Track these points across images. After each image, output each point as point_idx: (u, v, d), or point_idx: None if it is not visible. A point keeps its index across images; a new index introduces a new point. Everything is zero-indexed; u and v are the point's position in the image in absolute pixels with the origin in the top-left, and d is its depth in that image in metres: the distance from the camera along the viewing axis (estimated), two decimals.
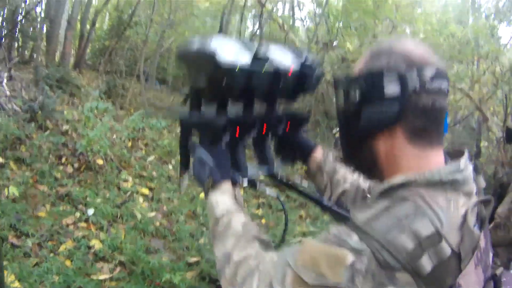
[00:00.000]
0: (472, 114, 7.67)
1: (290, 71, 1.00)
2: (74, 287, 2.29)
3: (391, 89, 0.77)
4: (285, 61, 1.01)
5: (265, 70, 0.94)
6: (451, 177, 0.78)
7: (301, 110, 1.09)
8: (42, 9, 9.17)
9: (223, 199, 0.94)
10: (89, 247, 2.71)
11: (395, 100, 0.77)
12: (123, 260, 2.61)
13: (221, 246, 0.88)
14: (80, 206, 3.22)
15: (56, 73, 6.03)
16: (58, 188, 3.41)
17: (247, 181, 1.04)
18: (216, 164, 0.97)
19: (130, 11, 9.46)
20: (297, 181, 1.19)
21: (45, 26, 8.06)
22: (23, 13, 7.93)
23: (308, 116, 1.21)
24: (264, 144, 1.16)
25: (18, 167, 3.44)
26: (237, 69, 0.90)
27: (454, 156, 0.85)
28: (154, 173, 4.20)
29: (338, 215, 1.13)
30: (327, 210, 1.16)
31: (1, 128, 3.57)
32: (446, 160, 0.83)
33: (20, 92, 4.63)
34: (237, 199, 0.96)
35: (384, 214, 0.74)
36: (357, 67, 0.84)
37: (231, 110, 1.04)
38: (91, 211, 3.14)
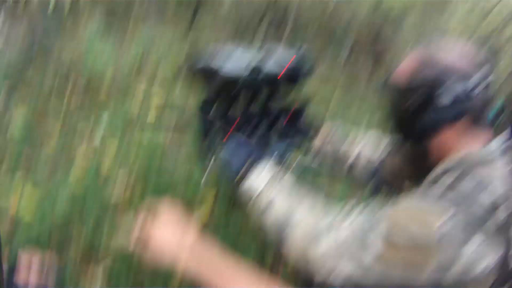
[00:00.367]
0: None
1: (281, 74, 1.09)
2: None
3: (444, 99, 0.86)
4: (280, 60, 1.11)
5: (261, 77, 1.07)
6: (497, 152, 0.89)
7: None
8: None
9: (265, 178, 0.95)
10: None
11: (447, 108, 0.87)
12: None
13: (282, 211, 0.90)
14: None
15: None
16: None
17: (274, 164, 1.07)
18: (252, 149, 1.02)
19: None
20: (308, 161, 1.24)
21: None
22: None
23: (306, 105, 1.28)
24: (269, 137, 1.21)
25: None
26: (240, 81, 1.05)
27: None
28: None
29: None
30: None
31: None
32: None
33: None
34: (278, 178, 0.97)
35: (464, 179, 0.84)
36: (404, 74, 0.93)
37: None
38: None
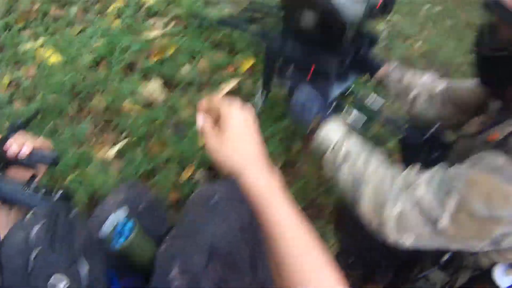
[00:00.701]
0: None
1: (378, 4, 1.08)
2: (120, 48, 1.81)
3: None
4: None
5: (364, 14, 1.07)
6: None
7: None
8: None
9: (338, 128, 1.00)
10: (142, 3, 2.13)
11: None
12: (179, 14, 1.99)
13: (352, 170, 0.92)
14: None
15: None
16: None
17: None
18: (321, 101, 1.09)
19: None
20: (371, 99, 1.24)
21: None
22: None
23: (378, 37, 1.30)
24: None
25: None
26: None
27: None
28: None
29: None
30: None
31: None
32: None
33: None
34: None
35: None
36: None
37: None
38: None
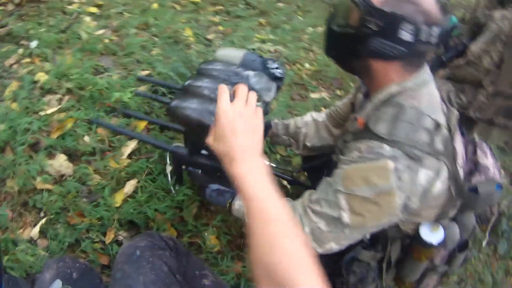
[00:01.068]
0: None
1: None
2: (20, 130, 2.02)
3: (405, 36, 0.95)
4: None
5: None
6: (426, 76, 1.07)
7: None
8: None
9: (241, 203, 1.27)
10: (35, 82, 2.36)
11: (404, 45, 0.96)
12: (70, 87, 2.25)
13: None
14: (22, 42, 2.75)
15: None
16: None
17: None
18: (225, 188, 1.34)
19: None
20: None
21: None
22: None
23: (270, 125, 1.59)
24: None
25: None
26: None
27: None
28: None
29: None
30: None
31: None
32: None
33: None
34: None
35: (398, 123, 0.99)
36: None
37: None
38: (34, 43, 2.67)
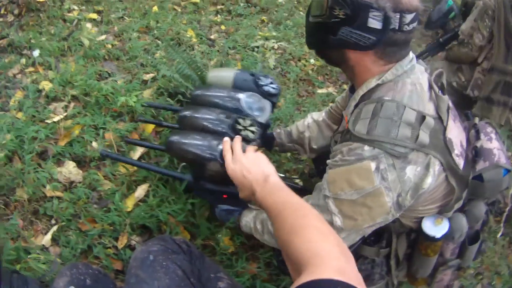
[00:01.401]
0: None
1: None
2: (28, 139, 2.01)
3: (373, 24, 0.92)
4: None
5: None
6: (409, 65, 1.03)
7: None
8: None
9: (250, 214, 1.32)
10: (40, 91, 2.35)
11: (374, 33, 0.94)
12: (75, 94, 2.24)
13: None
14: (24, 52, 2.74)
15: None
16: (0, 42, 2.90)
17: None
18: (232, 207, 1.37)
19: None
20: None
21: None
22: None
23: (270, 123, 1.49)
24: None
25: None
26: None
27: None
28: None
29: None
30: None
31: None
32: None
33: None
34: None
35: (377, 120, 0.96)
36: None
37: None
38: (36, 52, 2.66)
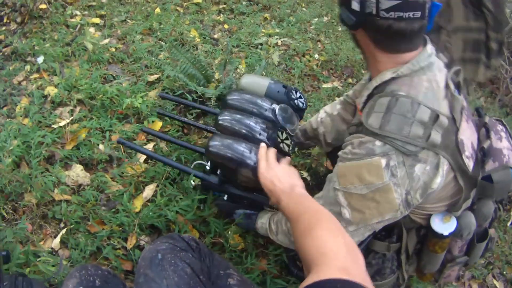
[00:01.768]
0: None
1: None
2: (34, 144, 2.00)
3: (355, 6, 1.02)
4: None
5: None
6: (426, 62, 1.04)
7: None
8: None
9: (266, 216, 1.43)
10: (45, 96, 2.34)
11: (354, 14, 1.03)
12: (81, 98, 2.23)
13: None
14: (28, 59, 2.75)
15: None
16: (4, 50, 2.91)
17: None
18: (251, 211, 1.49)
19: None
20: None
21: None
22: None
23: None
24: None
25: None
26: None
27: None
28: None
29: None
30: None
31: None
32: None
33: None
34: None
35: (390, 116, 0.98)
36: None
37: None
38: (40, 59, 2.67)
